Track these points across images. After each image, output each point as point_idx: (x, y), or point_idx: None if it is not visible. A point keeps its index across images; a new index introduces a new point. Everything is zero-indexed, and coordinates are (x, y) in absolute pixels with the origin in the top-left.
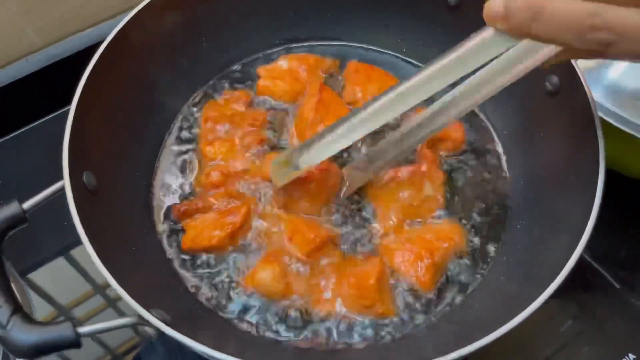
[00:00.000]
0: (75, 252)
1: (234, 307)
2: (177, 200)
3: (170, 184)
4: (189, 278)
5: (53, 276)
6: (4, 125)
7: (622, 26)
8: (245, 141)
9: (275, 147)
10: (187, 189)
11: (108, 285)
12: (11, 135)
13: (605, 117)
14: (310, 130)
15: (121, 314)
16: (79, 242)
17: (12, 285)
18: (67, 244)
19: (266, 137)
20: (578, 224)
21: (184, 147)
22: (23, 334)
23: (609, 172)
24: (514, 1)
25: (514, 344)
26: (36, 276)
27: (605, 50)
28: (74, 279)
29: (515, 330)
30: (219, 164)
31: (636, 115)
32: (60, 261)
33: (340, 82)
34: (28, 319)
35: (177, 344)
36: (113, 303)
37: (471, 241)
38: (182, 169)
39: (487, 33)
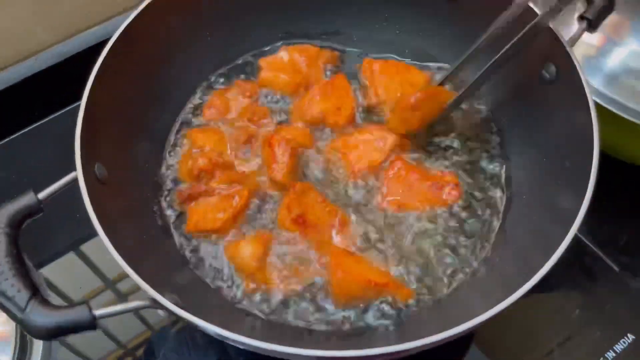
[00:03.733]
0: (85, 247)
1: (241, 293)
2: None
3: (176, 173)
4: (196, 262)
5: (64, 272)
6: (16, 122)
7: None
8: (235, 135)
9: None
10: None
11: (118, 280)
12: (23, 131)
13: (605, 105)
14: (307, 103)
15: None
16: (89, 236)
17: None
18: (78, 237)
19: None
20: (573, 206)
21: None
22: (41, 317)
23: (610, 160)
24: None
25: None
26: (48, 272)
27: None
28: (84, 275)
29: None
30: (206, 151)
31: (636, 102)
32: (72, 257)
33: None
34: (45, 302)
35: (187, 330)
36: (124, 298)
37: (469, 225)
38: None
39: None
